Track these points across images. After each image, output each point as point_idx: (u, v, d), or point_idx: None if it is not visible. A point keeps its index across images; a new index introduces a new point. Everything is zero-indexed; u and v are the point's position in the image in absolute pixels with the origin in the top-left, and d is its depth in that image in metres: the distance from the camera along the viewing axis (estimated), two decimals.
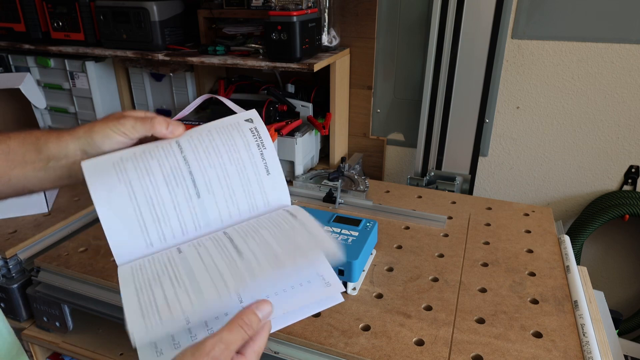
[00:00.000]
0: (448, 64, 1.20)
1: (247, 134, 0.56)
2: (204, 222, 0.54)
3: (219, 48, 1.22)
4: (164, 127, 0.53)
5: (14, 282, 0.87)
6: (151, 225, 0.52)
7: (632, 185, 1.22)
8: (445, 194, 1.12)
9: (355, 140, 1.43)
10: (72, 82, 1.42)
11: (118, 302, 0.78)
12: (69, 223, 0.97)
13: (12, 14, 1.38)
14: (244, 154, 0.55)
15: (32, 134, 0.52)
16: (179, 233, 0.53)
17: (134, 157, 0.52)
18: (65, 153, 0.52)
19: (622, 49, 1.10)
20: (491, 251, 0.86)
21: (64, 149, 0.51)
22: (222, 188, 0.54)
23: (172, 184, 0.52)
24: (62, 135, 0.52)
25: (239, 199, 0.55)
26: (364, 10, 1.26)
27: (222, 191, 0.54)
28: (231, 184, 0.54)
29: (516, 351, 0.63)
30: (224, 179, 0.54)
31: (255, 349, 0.45)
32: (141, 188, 0.51)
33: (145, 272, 0.50)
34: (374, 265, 0.82)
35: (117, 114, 0.53)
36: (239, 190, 0.55)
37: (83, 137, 0.51)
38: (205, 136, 0.55)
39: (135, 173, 0.51)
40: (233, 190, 0.54)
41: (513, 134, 1.28)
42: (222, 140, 0.55)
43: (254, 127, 0.56)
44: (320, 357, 0.65)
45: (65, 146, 0.51)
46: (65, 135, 0.52)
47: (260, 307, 0.46)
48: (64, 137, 0.51)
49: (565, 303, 0.72)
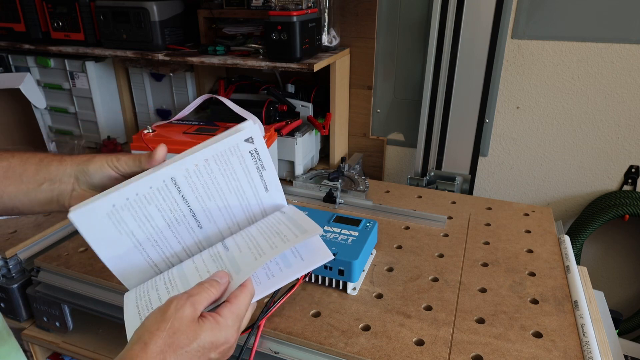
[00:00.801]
0: (448, 64, 1.20)
1: (246, 159, 0.55)
2: (207, 244, 0.56)
3: (219, 48, 1.22)
4: (149, 163, 0.55)
5: (14, 282, 0.87)
6: (159, 261, 0.54)
7: (632, 185, 1.22)
8: (445, 194, 1.12)
9: (355, 140, 1.43)
10: (72, 82, 1.42)
11: (118, 302, 0.78)
12: (69, 223, 0.97)
13: (12, 14, 1.38)
14: (244, 181, 0.55)
15: (36, 155, 0.55)
16: (185, 256, 0.56)
17: (129, 205, 0.50)
18: (61, 177, 0.54)
19: (622, 49, 1.10)
20: (491, 251, 0.86)
21: (62, 173, 0.54)
22: (223, 215, 0.56)
23: (174, 225, 0.53)
24: (65, 160, 0.54)
25: (238, 218, 0.57)
26: (364, 10, 1.26)
27: (222, 217, 0.56)
28: (231, 209, 0.56)
29: (516, 351, 0.63)
30: (224, 208, 0.55)
31: (233, 311, 0.46)
32: (144, 235, 0.52)
33: (145, 284, 0.53)
34: (374, 265, 0.82)
35: (121, 153, 0.56)
36: (239, 211, 0.57)
37: (81, 164, 0.54)
38: (203, 169, 0.53)
39: (135, 223, 0.51)
40: (233, 213, 0.56)
41: (513, 134, 1.28)
42: (221, 171, 0.54)
43: (253, 148, 0.54)
44: (320, 357, 0.65)
45: (64, 170, 0.54)
46: (67, 159, 0.54)
47: (218, 274, 0.49)
48: (65, 161, 0.54)
49: (565, 303, 0.72)
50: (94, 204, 0.49)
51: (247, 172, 0.55)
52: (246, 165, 0.55)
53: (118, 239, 0.51)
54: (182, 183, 0.52)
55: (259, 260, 0.49)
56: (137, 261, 0.52)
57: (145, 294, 0.50)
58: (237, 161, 0.54)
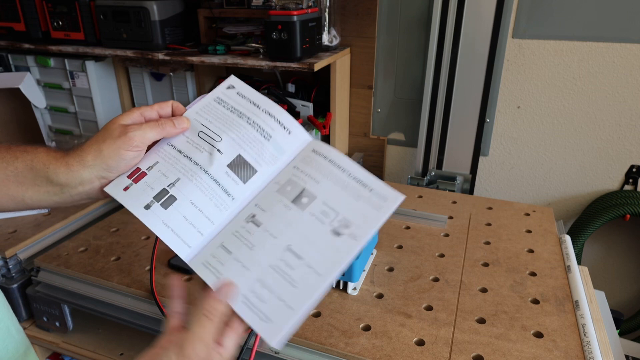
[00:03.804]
0: (449, 64, 1.19)
1: (238, 100, 0.58)
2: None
3: (219, 47, 1.22)
4: (173, 127, 0.53)
5: (13, 282, 0.87)
6: (204, 226, 0.53)
7: (633, 185, 1.22)
8: (445, 193, 1.12)
9: (355, 140, 1.43)
10: (72, 81, 1.42)
11: (118, 302, 0.78)
12: (69, 223, 0.97)
13: (12, 13, 1.38)
14: (264, 144, 0.56)
15: (38, 159, 0.50)
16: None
17: (175, 193, 0.52)
18: (79, 181, 0.51)
19: (623, 48, 1.10)
20: (492, 251, 0.86)
21: (77, 178, 0.50)
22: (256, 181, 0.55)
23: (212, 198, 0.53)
24: (71, 165, 0.50)
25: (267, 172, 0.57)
26: (364, 9, 1.26)
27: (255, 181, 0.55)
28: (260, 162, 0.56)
29: (517, 351, 0.62)
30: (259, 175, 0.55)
31: (232, 337, 0.47)
32: (191, 199, 0.52)
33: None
34: (375, 265, 0.82)
35: (117, 130, 0.50)
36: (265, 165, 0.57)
37: (95, 164, 0.50)
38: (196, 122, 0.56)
39: (178, 201, 0.52)
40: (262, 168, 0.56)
41: (514, 134, 1.28)
42: (217, 116, 0.57)
43: (237, 92, 0.59)
44: (320, 357, 0.65)
45: (77, 175, 0.50)
46: (74, 164, 0.50)
47: (221, 291, 0.47)
48: (73, 167, 0.50)
49: (566, 303, 0.72)
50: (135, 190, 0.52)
51: (245, 108, 0.57)
52: (241, 104, 0.57)
53: (171, 216, 0.52)
54: (216, 164, 0.54)
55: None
56: (188, 232, 0.52)
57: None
58: (227, 105, 0.57)
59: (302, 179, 0.53)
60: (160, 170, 0.53)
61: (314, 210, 0.51)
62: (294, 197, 0.52)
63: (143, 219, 0.51)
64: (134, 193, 0.52)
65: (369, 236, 0.49)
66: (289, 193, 0.53)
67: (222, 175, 0.53)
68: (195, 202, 0.52)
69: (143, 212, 0.51)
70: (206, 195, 0.52)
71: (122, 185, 0.52)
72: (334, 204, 0.51)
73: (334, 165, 0.53)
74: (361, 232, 0.49)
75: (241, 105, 0.57)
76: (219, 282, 0.48)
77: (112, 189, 0.52)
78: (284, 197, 0.52)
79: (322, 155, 0.55)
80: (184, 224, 0.51)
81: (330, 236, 0.49)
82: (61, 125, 1.53)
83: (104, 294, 0.79)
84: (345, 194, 0.51)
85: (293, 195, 0.52)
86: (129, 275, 0.78)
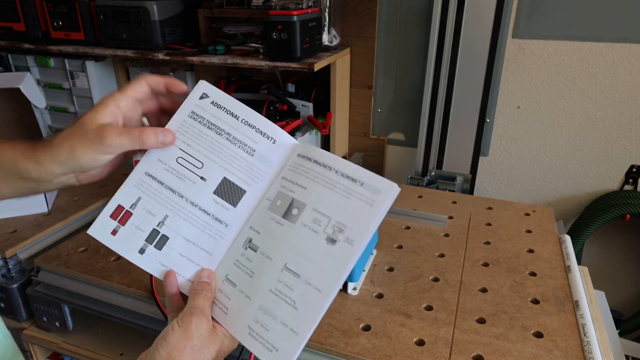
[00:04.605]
0: (449, 64, 1.19)
1: (215, 112, 0.53)
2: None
3: (219, 47, 1.22)
4: (154, 139, 0.49)
5: (13, 282, 0.87)
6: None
7: (633, 185, 1.22)
8: (445, 193, 1.12)
9: (355, 140, 1.43)
10: (72, 81, 1.42)
11: (118, 302, 0.78)
12: (69, 223, 0.97)
13: (12, 13, 1.38)
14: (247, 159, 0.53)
15: (5, 157, 0.48)
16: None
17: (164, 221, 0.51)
18: (53, 176, 0.48)
19: (624, 48, 1.10)
20: (492, 251, 0.86)
21: (50, 174, 0.48)
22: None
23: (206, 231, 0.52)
24: (40, 161, 0.47)
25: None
26: (364, 9, 1.26)
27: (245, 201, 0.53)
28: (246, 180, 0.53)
29: (517, 351, 0.62)
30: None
31: None
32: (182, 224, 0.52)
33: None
34: (375, 265, 0.82)
35: (93, 131, 0.46)
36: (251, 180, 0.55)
37: (67, 162, 0.47)
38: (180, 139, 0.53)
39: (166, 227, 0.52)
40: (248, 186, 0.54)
41: (514, 134, 1.28)
42: (195, 137, 0.53)
43: (211, 101, 0.53)
44: (320, 357, 0.65)
45: (50, 171, 0.47)
46: (44, 160, 0.47)
47: (204, 274, 0.50)
48: (43, 162, 0.47)
49: (566, 303, 0.72)
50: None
51: (223, 120, 0.53)
52: (218, 117, 0.53)
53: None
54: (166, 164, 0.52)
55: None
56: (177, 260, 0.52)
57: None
58: (203, 120, 0.52)
59: (290, 189, 0.50)
60: (145, 208, 0.51)
61: (305, 220, 0.48)
62: (284, 211, 0.49)
63: (140, 264, 0.50)
64: (124, 237, 0.50)
65: (365, 238, 0.46)
66: (279, 208, 0.50)
67: (210, 204, 0.51)
68: (189, 237, 0.51)
69: (139, 257, 0.50)
70: (198, 227, 0.51)
71: (108, 229, 0.50)
72: (324, 209, 0.47)
73: (320, 166, 0.49)
74: (356, 234, 0.46)
75: (218, 119, 0.52)
76: (198, 274, 0.51)
77: (99, 234, 0.50)
78: (275, 213, 0.50)
79: (306, 157, 0.51)
80: (181, 260, 0.50)
81: (325, 245, 0.46)
82: (61, 125, 1.53)
83: (104, 294, 0.79)
84: (335, 195, 0.47)
85: (283, 209, 0.49)
86: (129, 275, 0.78)
